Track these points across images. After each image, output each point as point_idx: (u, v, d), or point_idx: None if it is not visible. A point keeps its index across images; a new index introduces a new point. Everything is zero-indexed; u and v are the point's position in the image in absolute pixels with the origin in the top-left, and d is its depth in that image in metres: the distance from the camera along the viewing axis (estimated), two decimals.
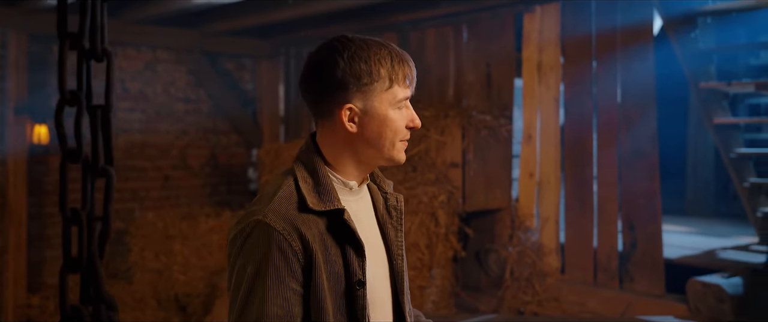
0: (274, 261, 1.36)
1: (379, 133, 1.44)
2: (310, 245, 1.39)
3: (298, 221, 1.39)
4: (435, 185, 4.54)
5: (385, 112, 1.44)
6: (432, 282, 4.54)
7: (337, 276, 1.41)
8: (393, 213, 1.56)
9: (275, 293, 1.36)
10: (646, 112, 4.30)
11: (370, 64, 1.42)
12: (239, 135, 6.76)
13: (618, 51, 4.42)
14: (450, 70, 5.32)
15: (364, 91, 1.42)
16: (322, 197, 1.43)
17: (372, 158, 1.48)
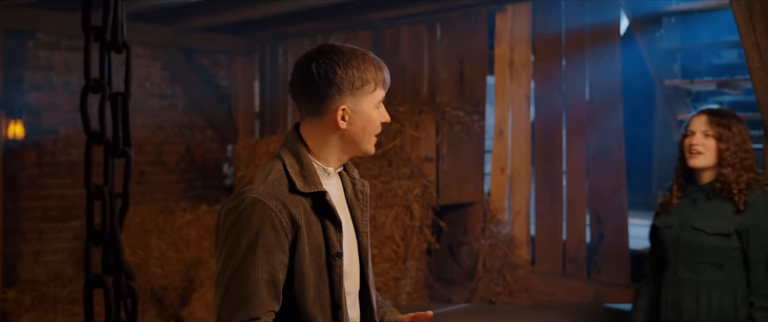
0: (266, 234, 1.58)
1: (363, 129, 1.71)
2: (298, 221, 1.63)
3: (288, 201, 1.63)
4: (410, 178, 4.66)
5: (370, 111, 1.71)
6: (406, 274, 4.66)
7: (318, 249, 1.66)
8: (360, 196, 1.82)
9: (264, 261, 1.58)
10: (613, 109, 4.45)
11: (361, 71, 1.67)
12: (214, 131, 6.81)
13: (586, 50, 4.57)
14: (424, 68, 5.44)
15: (355, 95, 1.67)
16: (307, 180, 1.68)
17: (351, 150, 1.75)
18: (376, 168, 4.78)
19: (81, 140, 5.82)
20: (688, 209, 2.71)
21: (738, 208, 2.58)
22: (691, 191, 2.74)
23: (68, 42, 5.85)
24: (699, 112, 2.74)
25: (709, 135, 2.65)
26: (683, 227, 2.68)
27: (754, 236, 2.57)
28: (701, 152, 2.65)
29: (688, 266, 2.64)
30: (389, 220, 4.54)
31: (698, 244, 2.63)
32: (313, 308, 1.65)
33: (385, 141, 4.89)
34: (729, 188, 2.60)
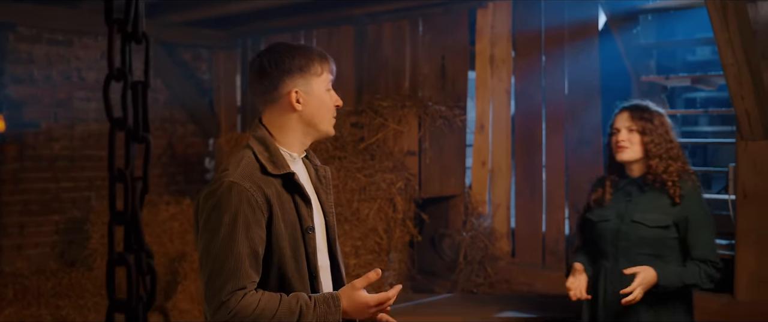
0: (244, 212, 1.76)
1: (318, 109, 1.91)
2: (271, 200, 1.81)
3: (261, 182, 1.81)
4: (393, 172, 4.73)
5: (321, 93, 1.91)
6: (390, 266, 4.73)
7: (292, 224, 1.84)
8: (323, 180, 2.03)
9: (245, 237, 1.75)
10: (591, 103, 4.56)
11: (307, 58, 1.89)
12: (196, 125, 6.83)
13: (565, 46, 4.67)
14: (406, 63, 5.51)
15: (305, 77, 1.89)
16: (276, 164, 1.86)
17: (311, 132, 1.94)
18: (360, 162, 4.84)
19: (62, 134, 5.85)
20: (622, 202, 2.80)
21: (674, 200, 2.68)
22: (623, 184, 2.83)
23: (49, 35, 5.84)
24: (621, 110, 2.83)
25: (633, 130, 2.75)
26: (622, 220, 2.76)
27: (693, 225, 2.68)
28: (627, 147, 2.75)
29: (628, 258, 2.72)
30: (372, 212, 4.61)
31: (638, 236, 2.72)
32: (294, 279, 1.83)
33: (368, 135, 4.96)
34: (661, 179, 2.70)
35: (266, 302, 1.75)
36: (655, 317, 2.71)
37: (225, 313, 1.73)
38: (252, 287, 1.77)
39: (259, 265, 1.79)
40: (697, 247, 2.69)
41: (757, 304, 3.84)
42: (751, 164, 3.83)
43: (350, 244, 4.65)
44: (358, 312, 1.86)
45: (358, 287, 1.85)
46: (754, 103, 3.65)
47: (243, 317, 1.73)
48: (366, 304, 1.85)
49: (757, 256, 3.83)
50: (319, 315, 1.79)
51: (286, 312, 1.76)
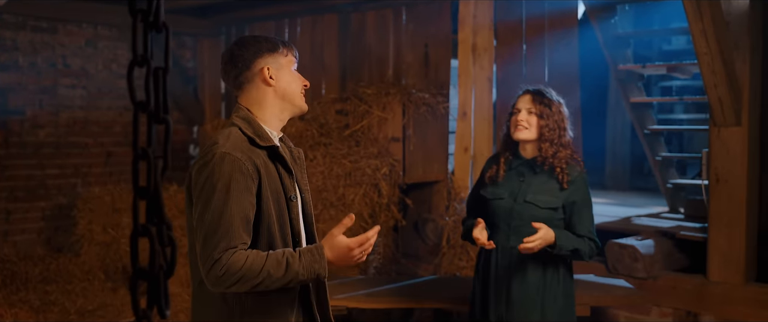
0: (236, 179, 1.88)
1: (289, 84, 2.06)
2: (259, 169, 1.95)
3: (250, 153, 1.95)
4: (377, 158, 4.83)
5: (289, 70, 2.07)
6: (375, 250, 4.84)
7: (277, 192, 1.98)
8: (297, 161, 2.15)
9: (237, 201, 1.88)
10: (570, 91, 4.67)
11: (271, 42, 2.07)
12: (180, 112, 6.87)
13: (545, 35, 4.79)
14: (390, 51, 5.61)
15: (273, 56, 2.04)
16: (261, 137, 2.00)
17: (287, 106, 2.08)
18: (345, 148, 4.94)
19: (47, 121, 5.89)
20: (515, 182, 2.92)
21: (562, 185, 2.83)
22: (516, 164, 2.94)
23: (34, 23, 5.86)
24: (525, 92, 2.94)
25: (532, 112, 2.86)
26: (515, 200, 2.88)
27: (578, 208, 2.84)
28: (526, 127, 2.86)
29: (520, 235, 2.80)
30: (358, 197, 4.71)
31: (530, 215, 2.83)
32: (280, 243, 1.97)
33: (353, 122, 5.06)
34: (550, 163, 2.85)
35: (254, 257, 1.87)
36: (541, 280, 2.86)
37: (217, 269, 1.84)
38: (243, 247, 1.88)
39: (250, 228, 1.91)
40: (581, 227, 2.85)
41: (728, 284, 4.00)
42: (723, 150, 3.98)
43: None
44: (341, 258, 1.96)
45: (337, 235, 1.96)
46: (727, 91, 3.79)
47: (234, 272, 1.84)
48: (348, 247, 1.95)
49: (728, 238, 3.99)
50: (305, 264, 1.90)
51: (274, 264, 1.87)
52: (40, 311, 4.75)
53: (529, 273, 2.85)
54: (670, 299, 4.20)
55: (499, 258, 2.93)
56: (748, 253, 3.98)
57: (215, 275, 1.85)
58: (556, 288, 2.89)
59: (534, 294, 2.87)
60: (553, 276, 2.88)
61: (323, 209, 4.82)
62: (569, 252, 2.79)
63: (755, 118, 3.98)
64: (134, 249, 1.18)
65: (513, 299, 2.87)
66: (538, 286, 2.87)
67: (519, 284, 2.87)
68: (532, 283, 2.86)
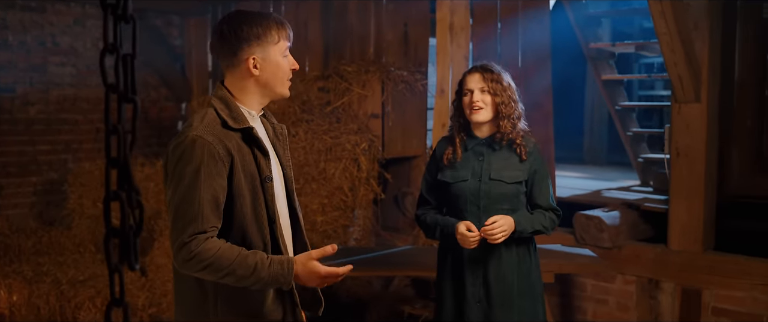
0: (207, 163, 1.93)
1: (274, 74, 2.08)
2: (231, 152, 1.98)
3: (222, 136, 1.98)
4: (357, 133, 5.01)
5: (277, 59, 2.07)
6: (355, 222, 5.05)
7: (251, 174, 2.03)
8: (280, 137, 2.21)
9: (207, 185, 1.93)
10: (542, 68, 4.86)
11: (263, 27, 2.04)
12: (169, 89, 7.02)
13: (520, 14, 4.94)
14: (371, 30, 5.76)
15: (262, 45, 2.04)
16: (236, 120, 2.03)
17: (268, 93, 2.11)
18: (326, 124, 5.12)
19: (37, 98, 6.05)
20: (475, 162, 2.93)
21: (521, 158, 2.89)
22: (472, 144, 2.94)
23: (23, 2, 5.98)
24: (472, 71, 2.93)
25: (486, 91, 2.86)
26: (479, 179, 2.90)
27: (538, 178, 2.93)
28: (482, 107, 2.86)
29: (490, 213, 2.84)
30: (338, 172, 4.90)
31: (499, 192, 2.87)
32: (252, 225, 2.02)
33: (335, 99, 5.23)
34: (509, 138, 2.89)
35: (225, 251, 1.92)
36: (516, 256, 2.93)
37: (186, 253, 1.90)
38: (213, 232, 1.94)
39: (220, 212, 1.95)
40: (541, 198, 2.94)
41: (688, 252, 4.22)
42: (683, 125, 4.18)
43: (318, 202, 4.95)
44: (308, 279, 2.00)
45: (314, 258, 2.00)
46: (686, 69, 3.97)
47: (202, 259, 1.90)
48: (317, 274, 1.99)
49: (687, 209, 4.20)
50: (272, 273, 1.95)
51: (242, 264, 1.93)
52: (33, 281, 4.94)
53: (503, 251, 2.90)
54: (633, 267, 4.42)
55: None
56: (706, 223, 4.20)
57: (183, 258, 1.92)
58: (528, 262, 2.98)
59: (510, 271, 2.92)
60: (525, 250, 2.97)
61: (305, 183, 5.01)
62: (531, 234, 2.89)
63: (714, 95, 4.17)
64: (107, 211, 1.37)
65: (490, 279, 2.92)
66: (514, 262, 2.93)
67: (496, 263, 2.92)
68: (507, 260, 2.91)
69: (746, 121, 4.48)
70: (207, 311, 2.05)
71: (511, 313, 2.93)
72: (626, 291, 4.48)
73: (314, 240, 4.88)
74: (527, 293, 2.97)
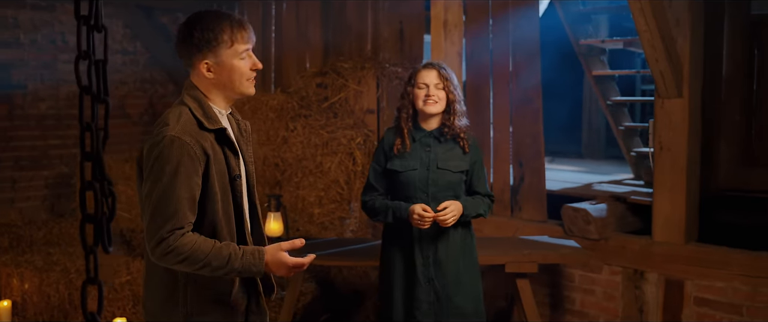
0: (184, 163, 2.04)
1: (229, 77, 2.15)
2: (207, 152, 2.09)
3: (198, 136, 2.09)
4: (353, 128, 5.17)
5: (231, 63, 2.13)
6: (351, 214, 5.21)
7: (222, 173, 2.15)
8: (244, 133, 2.31)
9: (185, 184, 2.04)
10: (532, 65, 4.97)
11: (216, 32, 2.10)
12: (176, 85, 7.21)
13: (510, 11, 5.06)
14: (368, 27, 5.91)
15: (213, 51, 2.12)
16: (210, 120, 2.13)
17: (230, 94, 2.20)
18: (323, 119, 5.28)
19: (48, 95, 6.26)
20: (422, 152, 3.19)
21: (464, 150, 3.20)
22: (420, 135, 3.21)
23: (33, 1, 6.19)
24: (429, 67, 3.18)
25: (440, 87, 3.14)
26: (428, 168, 3.17)
27: (477, 166, 3.26)
28: (437, 101, 3.13)
29: (437, 200, 3.11)
30: (334, 165, 5.06)
31: (446, 181, 3.17)
32: (222, 219, 2.15)
33: (331, 94, 5.39)
34: (455, 132, 3.17)
35: (201, 244, 2.04)
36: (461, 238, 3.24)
37: (164, 247, 2.00)
38: (189, 227, 2.05)
39: (195, 208, 2.07)
40: (480, 185, 3.28)
41: (670, 244, 4.34)
42: (666, 120, 4.29)
43: (315, 194, 5.11)
44: (277, 268, 2.14)
45: (284, 249, 2.14)
46: (667, 65, 4.09)
47: (179, 253, 2.01)
48: (285, 264, 2.13)
49: (671, 202, 4.32)
50: (245, 263, 2.08)
51: (217, 256, 2.05)
52: (43, 270, 5.16)
53: (450, 233, 3.20)
54: (619, 258, 4.54)
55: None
56: (689, 215, 4.31)
57: (161, 252, 2.02)
58: (470, 243, 3.30)
59: (456, 251, 3.22)
60: (468, 232, 3.29)
61: (303, 177, 5.18)
62: (473, 217, 3.21)
63: (696, 90, 4.28)
64: (82, 200, 1.54)
65: (440, 259, 3.19)
66: (459, 243, 3.23)
67: (445, 245, 3.20)
68: (453, 241, 3.21)
69: (734, 115, 4.58)
70: (177, 300, 2.17)
71: (459, 289, 3.22)
72: (613, 281, 4.61)
73: (312, 231, 5.06)
74: (471, 270, 3.29)
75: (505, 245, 4.40)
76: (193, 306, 2.18)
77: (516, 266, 4.08)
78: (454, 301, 3.22)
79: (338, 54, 6.01)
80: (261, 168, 5.36)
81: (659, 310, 4.39)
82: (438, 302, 3.22)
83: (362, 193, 3.37)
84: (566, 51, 6.04)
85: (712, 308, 4.18)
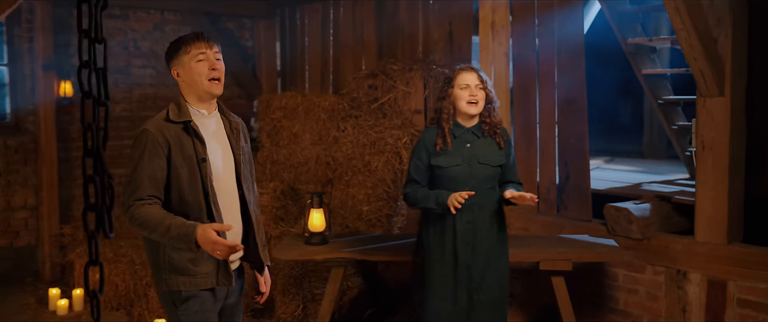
0: (149, 149, 2.57)
1: (191, 78, 2.65)
2: (168, 139, 2.58)
3: (163, 127, 2.61)
4: (400, 128, 5.31)
5: (191, 65, 2.64)
6: (398, 211, 5.35)
7: (188, 157, 2.60)
8: (235, 131, 2.76)
9: (148, 164, 2.56)
10: (576, 63, 4.97)
11: (179, 45, 2.67)
12: (241, 88, 7.55)
13: (555, 11, 5.08)
14: (419, 29, 6.04)
15: (178, 59, 2.67)
16: (180, 114, 2.64)
17: (198, 92, 2.66)
18: (372, 120, 5.45)
19: (122, 97, 6.70)
20: (463, 148, 3.43)
21: (500, 145, 3.48)
22: (459, 132, 3.45)
23: (108, 10, 6.61)
24: (469, 70, 3.45)
25: (480, 87, 3.40)
26: (470, 163, 3.42)
27: (510, 161, 3.55)
28: (477, 102, 3.39)
29: (477, 191, 3.37)
30: (381, 164, 5.21)
31: (486, 174, 3.44)
32: (189, 193, 2.60)
33: (381, 95, 5.55)
34: (494, 129, 3.47)
35: (153, 214, 2.51)
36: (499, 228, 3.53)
37: (129, 214, 2.56)
38: (150, 200, 2.53)
39: (160, 187, 2.56)
40: (513, 175, 3.59)
41: (713, 244, 4.28)
42: (708, 119, 4.24)
43: (363, 192, 5.28)
44: (203, 242, 2.46)
45: (213, 229, 2.47)
46: (707, 64, 4.04)
47: (136, 218, 2.52)
48: (210, 239, 2.44)
49: (713, 202, 4.26)
50: (179, 232, 2.47)
51: (161, 224, 2.49)
52: (113, 261, 5.54)
53: (487, 223, 3.46)
54: (661, 258, 4.51)
55: (463, 215, 3.41)
56: (731, 215, 4.24)
57: (128, 218, 2.57)
58: (504, 231, 3.56)
59: (495, 239, 3.49)
60: (503, 223, 3.55)
61: (352, 175, 5.36)
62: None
63: (739, 89, 4.20)
64: (85, 191, 1.75)
65: (477, 246, 3.45)
66: (497, 232, 3.50)
67: (486, 232, 3.47)
68: (493, 230, 3.47)
69: None
70: (161, 278, 2.66)
71: (494, 276, 3.49)
72: (656, 281, 4.58)
73: (360, 228, 5.23)
74: (503, 256, 3.57)
75: (541, 243, 4.45)
76: (169, 273, 2.64)
77: (550, 263, 4.12)
78: (485, 281, 3.46)
79: (391, 56, 6.17)
80: (314, 167, 5.57)
81: (702, 311, 4.33)
82: (471, 282, 3.46)
83: (404, 186, 3.61)
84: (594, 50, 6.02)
85: (755, 309, 4.11)
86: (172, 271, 2.64)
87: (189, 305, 2.66)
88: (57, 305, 5.44)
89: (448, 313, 3.51)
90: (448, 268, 3.48)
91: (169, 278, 2.64)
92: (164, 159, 2.57)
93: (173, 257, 2.63)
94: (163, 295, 2.72)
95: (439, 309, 3.52)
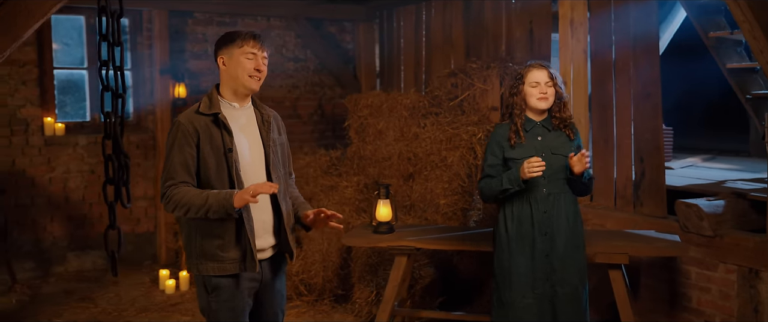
0: (180, 139, 2.74)
1: (235, 68, 2.84)
2: (198, 130, 2.77)
3: (193, 119, 2.80)
4: (476, 125, 5.47)
5: (238, 58, 2.84)
6: (473, 205, 5.51)
7: (216, 147, 2.80)
8: (266, 123, 2.97)
9: (179, 152, 2.74)
10: (650, 58, 4.92)
11: (231, 37, 2.88)
12: (342, 88, 7.95)
13: (631, 6, 5.04)
14: (502, 29, 6.16)
15: (228, 49, 2.85)
16: (211, 107, 2.84)
17: (237, 86, 2.85)
18: (451, 116, 5.64)
19: None
20: (535, 142, 3.61)
21: (569, 137, 3.66)
22: (530, 126, 3.63)
23: (219, 18, 7.23)
24: (539, 67, 3.61)
25: (550, 84, 3.58)
26: (543, 154, 3.56)
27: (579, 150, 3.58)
28: (548, 98, 3.57)
29: (552, 183, 3.57)
30: (455, 159, 5.39)
31: (560, 165, 3.58)
32: (216, 181, 2.80)
33: (461, 93, 5.74)
34: (565, 122, 3.65)
35: (188, 192, 2.72)
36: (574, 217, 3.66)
37: (166, 198, 2.74)
38: (183, 185, 2.72)
39: (191, 171, 2.75)
40: None
41: None
42: None
43: (441, 187, 5.49)
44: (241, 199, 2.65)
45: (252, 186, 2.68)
46: None
47: (172, 200, 2.71)
48: (247, 191, 2.64)
49: None
50: (219, 199, 2.67)
51: (198, 197, 2.71)
52: None
53: (563, 212, 3.61)
54: (734, 256, 4.40)
55: (539, 205, 3.60)
56: None
57: (164, 202, 2.75)
58: (579, 220, 3.72)
59: (571, 229, 3.64)
60: (578, 213, 3.70)
61: (431, 170, 5.58)
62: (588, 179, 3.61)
63: None
64: (106, 167, 2.12)
65: (555, 234, 3.61)
66: (573, 222, 3.64)
67: (563, 222, 3.62)
68: (569, 220, 3.62)
69: None
70: (192, 263, 2.87)
71: (572, 264, 3.62)
72: (728, 280, 4.47)
73: (438, 221, 5.44)
74: (580, 246, 3.69)
75: (600, 237, 4.45)
76: (199, 259, 2.84)
77: (606, 256, 4.15)
78: (565, 272, 3.60)
79: (474, 54, 6.33)
80: (396, 162, 5.83)
81: None
82: (553, 272, 3.60)
83: (479, 181, 3.81)
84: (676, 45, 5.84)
85: None
86: (202, 256, 2.83)
87: (219, 293, 2.85)
88: (166, 284, 6.05)
89: (529, 305, 3.61)
90: (527, 258, 3.61)
91: (200, 263, 2.83)
92: (194, 148, 2.75)
93: (203, 244, 2.82)
94: (196, 279, 2.93)
95: (519, 301, 3.63)
